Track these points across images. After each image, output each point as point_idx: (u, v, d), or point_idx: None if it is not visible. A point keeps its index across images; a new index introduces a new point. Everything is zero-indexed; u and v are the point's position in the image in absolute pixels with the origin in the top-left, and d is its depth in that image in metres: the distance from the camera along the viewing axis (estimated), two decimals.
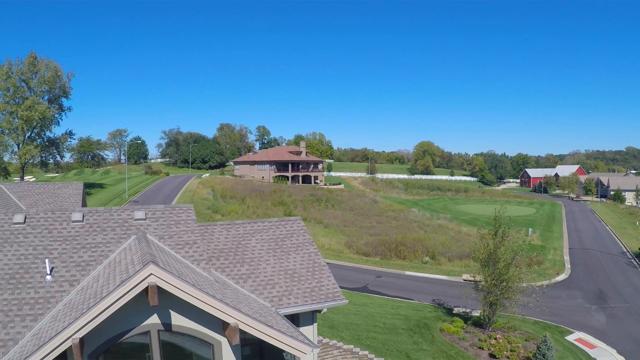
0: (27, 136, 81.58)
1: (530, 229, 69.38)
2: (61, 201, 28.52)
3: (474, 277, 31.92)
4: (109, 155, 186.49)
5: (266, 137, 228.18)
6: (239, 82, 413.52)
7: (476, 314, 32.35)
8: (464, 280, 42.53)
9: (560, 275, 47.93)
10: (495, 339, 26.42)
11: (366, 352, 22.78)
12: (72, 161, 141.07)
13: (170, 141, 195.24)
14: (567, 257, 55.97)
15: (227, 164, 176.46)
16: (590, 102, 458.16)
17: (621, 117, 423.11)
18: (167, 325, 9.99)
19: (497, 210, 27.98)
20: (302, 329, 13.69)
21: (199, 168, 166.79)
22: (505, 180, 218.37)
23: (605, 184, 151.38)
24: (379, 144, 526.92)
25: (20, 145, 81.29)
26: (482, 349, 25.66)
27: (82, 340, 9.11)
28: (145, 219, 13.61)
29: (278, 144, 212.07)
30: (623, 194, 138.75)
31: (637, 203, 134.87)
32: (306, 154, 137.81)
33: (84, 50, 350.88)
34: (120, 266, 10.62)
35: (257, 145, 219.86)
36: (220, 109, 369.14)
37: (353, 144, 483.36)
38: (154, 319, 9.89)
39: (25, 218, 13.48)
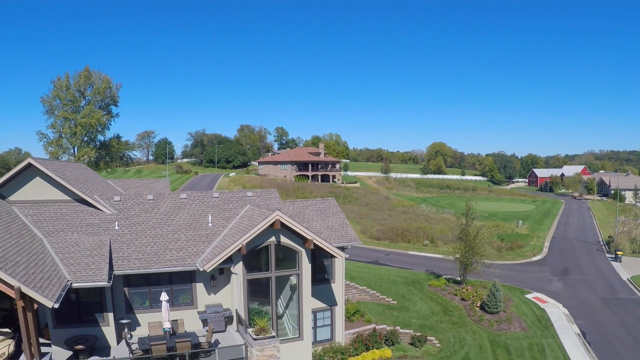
0: (83, 140, 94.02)
1: (520, 221, 79.76)
2: (157, 192, 39.93)
3: (455, 253, 42.96)
4: (137, 155, 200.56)
5: (284, 138, 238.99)
6: (257, 84, 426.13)
7: (458, 278, 43.23)
8: (455, 258, 53.38)
9: (536, 257, 58.52)
10: (467, 289, 37.35)
11: (375, 292, 34.06)
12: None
13: (196, 142, 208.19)
14: (547, 244, 66.42)
15: (250, 163, 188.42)
16: (606, 102, 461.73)
17: (638, 116, 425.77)
18: (278, 242, 21.07)
19: (467, 200, 39.05)
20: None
21: (224, 168, 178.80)
22: (514, 180, 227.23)
23: (607, 183, 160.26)
24: (394, 145, 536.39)
25: (77, 149, 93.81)
26: (456, 295, 36.66)
27: (243, 246, 20.33)
28: (252, 196, 24.96)
29: (296, 145, 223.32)
30: (623, 193, 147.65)
31: (635, 201, 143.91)
32: (324, 155, 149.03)
33: (108, 56, 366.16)
34: (253, 216, 21.85)
35: (275, 146, 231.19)
36: (239, 110, 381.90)
37: (368, 144, 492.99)
38: (272, 239, 21.01)
39: (187, 195, 24.85)
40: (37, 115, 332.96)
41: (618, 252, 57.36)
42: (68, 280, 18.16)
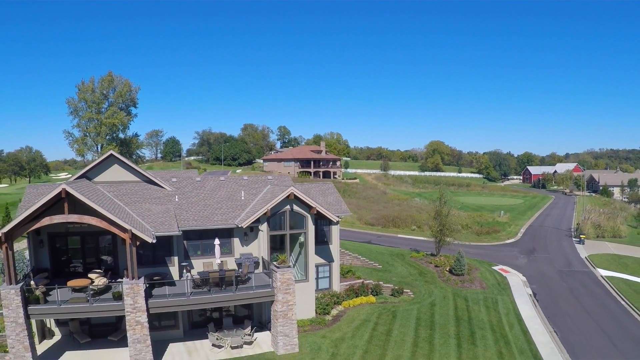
0: (106, 138, 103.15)
1: (502, 211, 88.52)
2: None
3: (430, 230, 51.82)
4: (145, 153, 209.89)
5: (287, 137, 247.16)
6: (260, 84, 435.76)
7: (435, 252, 52.02)
8: (431, 232, 61.86)
9: (510, 240, 67.29)
10: (440, 259, 46.24)
11: (364, 259, 43.06)
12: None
13: (203, 141, 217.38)
14: (522, 230, 75.14)
15: (254, 161, 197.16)
16: (607, 100, 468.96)
17: (638, 115, 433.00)
18: (291, 209, 29.92)
19: (441, 189, 47.88)
20: (333, 226, 33.93)
21: (229, 165, 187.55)
22: (509, 177, 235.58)
23: (597, 180, 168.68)
24: (394, 143, 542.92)
25: (100, 146, 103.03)
26: (431, 263, 45.57)
27: (268, 211, 29.25)
28: (272, 179, 33.90)
29: (298, 143, 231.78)
30: (611, 189, 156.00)
31: (622, 197, 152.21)
32: (326, 153, 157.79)
33: (112, 57, 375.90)
34: (274, 192, 30.73)
35: (278, 144, 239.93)
36: (243, 109, 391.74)
37: (369, 142, 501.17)
38: (287, 207, 29.80)
39: (225, 178, 33.80)
40: (41, 115, 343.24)
41: (581, 236, 66.06)
42: (152, 231, 27.07)
